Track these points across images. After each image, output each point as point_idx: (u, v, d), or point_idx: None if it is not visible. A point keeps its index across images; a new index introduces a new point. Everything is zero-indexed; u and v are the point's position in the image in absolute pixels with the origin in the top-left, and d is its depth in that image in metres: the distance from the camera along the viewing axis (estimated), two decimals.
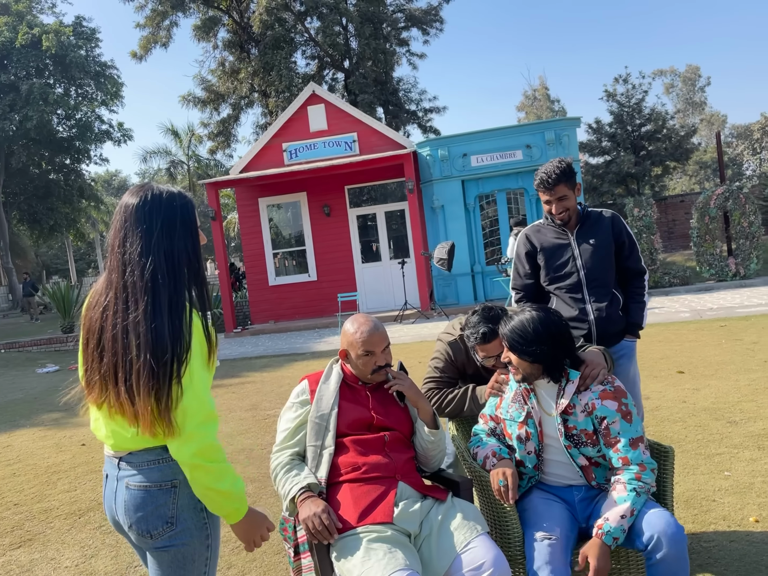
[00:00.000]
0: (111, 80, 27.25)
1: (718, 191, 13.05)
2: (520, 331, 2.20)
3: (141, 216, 1.55)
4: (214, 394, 7.66)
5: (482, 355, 2.51)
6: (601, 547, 1.99)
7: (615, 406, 2.18)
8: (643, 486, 2.07)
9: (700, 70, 49.98)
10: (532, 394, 2.29)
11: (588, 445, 2.20)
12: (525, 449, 2.28)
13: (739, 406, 4.84)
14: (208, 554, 1.64)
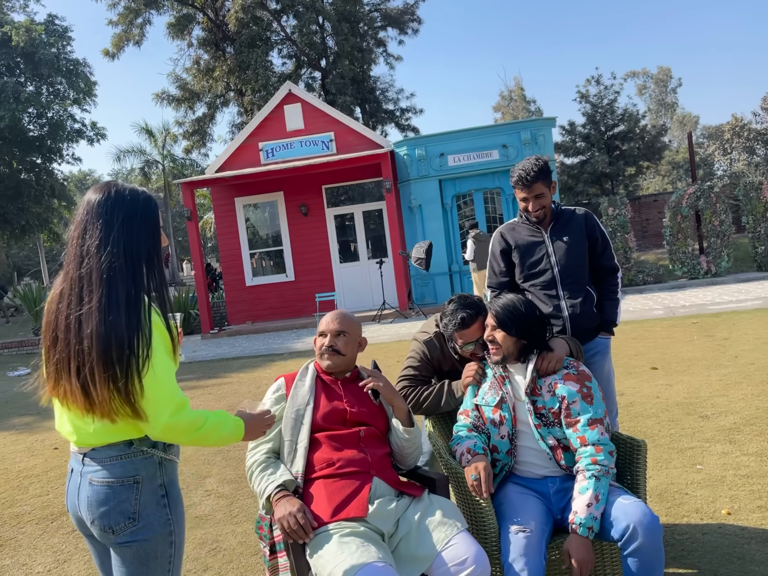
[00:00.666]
0: (83, 78, 26.76)
1: (689, 191, 13.28)
2: (511, 308, 2.34)
3: (102, 210, 1.57)
4: (190, 395, 7.60)
5: (461, 341, 2.54)
6: (579, 540, 2.04)
7: (576, 388, 2.28)
8: (601, 469, 2.13)
9: (671, 71, 50.87)
10: (507, 381, 2.37)
11: (556, 425, 2.27)
12: (499, 433, 2.34)
13: (710, 400, 4.93)
14: (171, 551, 1.64)
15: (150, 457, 1.63)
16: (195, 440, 1.61)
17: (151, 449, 1.63)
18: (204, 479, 4.46)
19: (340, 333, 2.28)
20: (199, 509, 3.91)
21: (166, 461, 1.67)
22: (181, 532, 1.67)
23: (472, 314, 2.50)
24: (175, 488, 1.70)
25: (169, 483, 1.67)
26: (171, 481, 1.68)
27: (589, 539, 2.05)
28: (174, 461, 1.71)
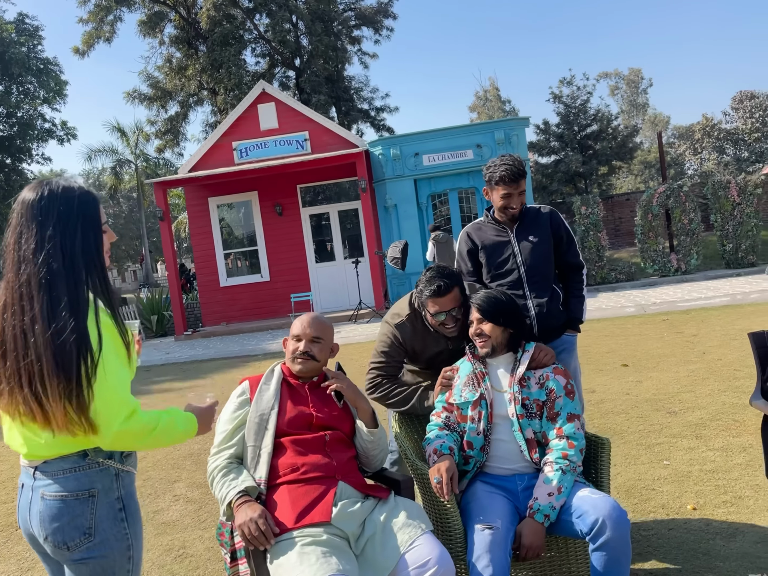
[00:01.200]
0: (54, 77, 26.29)
1: (660, 190, 13.48)
2: (494, 299, 2.40)
3: (36, 212, 1.50)
4: (162, 398, 7.49)
5: (433, 310, 2.55)
6: (532, 525, 2.10)
7: (563, 382, 2.34)
8: (569, 464, 2.19)
9: (642, 72, 51.64)
10: (486, 377, 2.38)
11: (536, 417, 2.30)
12: (476, 430, 2.35)
13: (678, 396, 5.00)
14: (129, 566, 1.58)
15: (106, 469, 1.57)
16: (149, 444, 1.55)
17: (107, 460, 1.57)
18: (173, 484, 4.40)
19: (316, 339, 2.24)
20: (167, 515, 3.85)
21: (123, 473, 1.61)
22: (139, 546, 1.62)
23: (449, 284, 2.54)
24: (134, 501, 1.64)
25: (126, 495, 1.60)
26: (129, 493, 1.62)
27: (543, 526, 2.10)
28: (131, 472, 1.65)
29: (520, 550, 2.09)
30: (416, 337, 2.69)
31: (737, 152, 37.10)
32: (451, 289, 2.54)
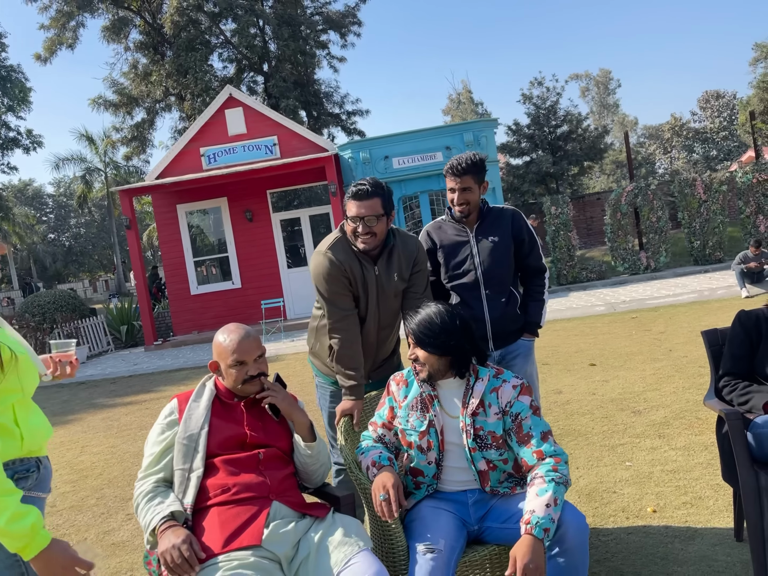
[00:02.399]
0: (18, 85, 25.79)
1: (627, 188, 13.59)
2: (428, 323, 2.15)
3: None
4: (125, 411, 7.30)
5: (352, 212, 2.54)
6: (532, 543, 1.83)
7: (528, 401, 2.16)
8: (561, 477, 2.01)
9: (611, 73, 52.34)
10: (435, 401, 2.20)
11: (492, 448, 2.14)
12: (426, 459, 2.19)
13: (643, 395, 4.97)
14: None
15: None
16: None
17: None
18: (126, 502, 4.23)
19: (260, 357, 2.12)
20: (117, 535, 3.69)
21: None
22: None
23: (370, 191, 2.52)
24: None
25: None
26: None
27: (543, 544, 1.84)
28: (28, 496, 1.56)
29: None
30: (350, 259, 2.62)
31: (706, 151, 37.77)
32: (371, 197, 2.52)
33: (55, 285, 40.80)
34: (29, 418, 1.64)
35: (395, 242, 2.69)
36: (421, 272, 2.75)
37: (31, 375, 1.65)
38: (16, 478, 1.55)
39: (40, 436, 1.68)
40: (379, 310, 2.71)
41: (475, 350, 2.21)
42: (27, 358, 1.64)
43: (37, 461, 1.66)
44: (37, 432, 1.66)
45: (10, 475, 1.55)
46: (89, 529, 3.85)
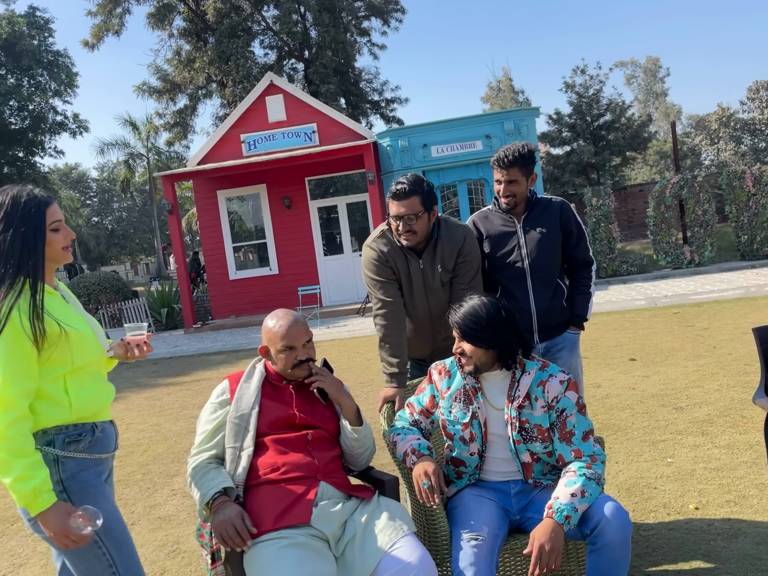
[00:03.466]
0: (64, 70, 26.40)
1: (673, 180, 13.26)
2: (473, 317, 2.13)
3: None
4: (167, 391, 7.50)
5: (392, 211, 2.61)
6: (551, 526, 1.90)
7: (575, 398, 2.14)
8: (594, 473, 2.02)
9: (659, 60, 50.88)
10: (479, 393, 2.20)
11: (537, 441, 2.14)
12: (468, 450, 2.20)
13: (686, 392, 4.89)
14: (94, 545, 1.68)
15: (45, 455, 1.69)
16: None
17: (45, 447, 1.69)
18: (171, 478, 4.38)
19: (308, 342, 2.17)
20: (163, 509, 3.83)
21: (64, 459, 1.71)
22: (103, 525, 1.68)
23: (408, 190, 2.55)
24: (82, 486, 1.72)
25: (69, 479, 1.71)
26: (73, 477, 1.72)
27: (563, 529, 1.90)
28: (78, 458, 1.72)
29: (532, 558, 1.86)
30: (394, 251, 2.71)
31: (755, 142, 36.48)
32: (409, 196, 2.56)
33: (98, 267, 41.92)
34: (83, 388, 1.78)
35: (440, 234, 2.71)
36: (467, 263, 2.75)
37: (86, 350, 1.79)
38: (68, 441, 1.71)
39: (95, 403, 1.81)
40: (428, 301, 2.74)
41: (520, 342, 2.19)
42: (81, 334, 1.77)
43: (93, 426, 1.79)
44: (90, 400, 1.79)
45: (62, 438, 1.71)
46: (136, 502, 3.99)
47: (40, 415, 1.70)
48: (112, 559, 1.72)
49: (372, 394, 5.94)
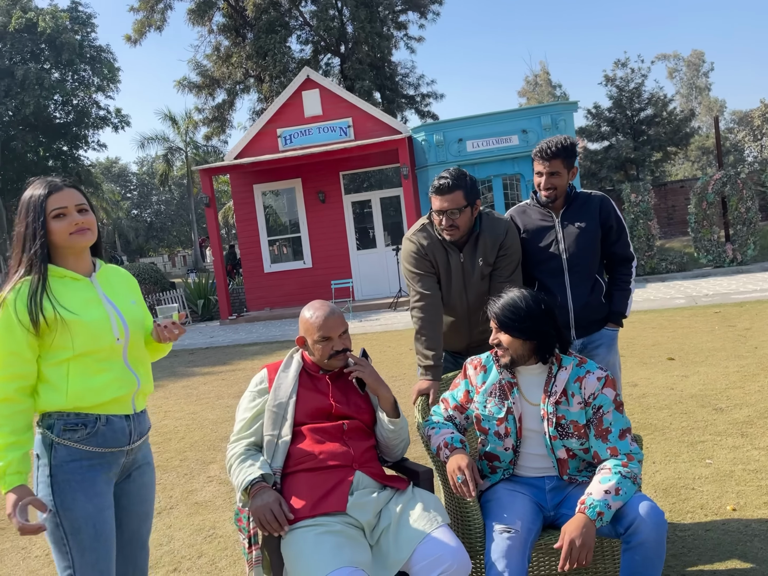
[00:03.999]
0: (107, 65, 27.02)
1: (715, 176, 12.91)
2: (512, 307, 2.13)
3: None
4: (203, 381, 7.66)
5: (435, 206, 2.61)
6: (583, 521, 1.89)
7: (612, 396, 2.12)
8: (630, 472, 2.01)
9: (704, 55, 49.51)
10: (515, 388, 2.20)
11: (573, 437, 2.13)
12: (503, 445, 2.21)
13: (726, 392, 4.78)
14: (60, 533, 1.73)
15: (44, 437, 1.76)
16: None
17: (44, 429, 1.76)
18: (208, 465, 4.48)
19: (344, 333, 2.20)
20: (200, 495, 3.92)
21: (58, 444, 1.74)
22: (71, 517, 1.72)
23: (450, 185, 2.55)
24: (68, 474, 1.74)
25: (58, 466, 1.74)
26: (62, 464, 1.74)
27: (595, 525, 1.89)
28: (70, 446, 1.75)
29: (563, 552, 1.86)
30: (434, 245, 2.72)
31: None
32: (453, 191, 2.56)
33: (137, 258, 42.88)
34: (86, 375, 1.78)
35: (482, 227, 2.71)
36: (507, 256, 2.75)
37: (89, 337, 1.78)
38: (64, 428, 1.75)
39: (99, 393, 1.79)
40: (467, 294, 2.75)
41: (558, 337, 2.18)
42: (82, 321, 1.77)
43: (96, 418, 1.79)
44: (92, 389, 1.78)
45: (61, 424, 1.75)
46: (174, 488, 4.10)
47: (40, 398, 1.75)
48: (72, 561, 1.73)
49: (404, 388, 5.96)
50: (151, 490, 2.02)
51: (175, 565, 3.07)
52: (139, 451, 1.95)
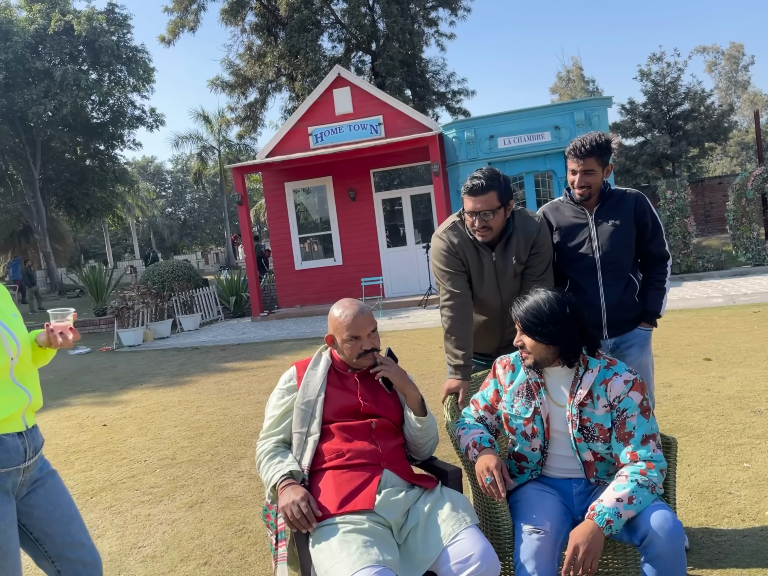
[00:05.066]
0: (142, 65, 27.52)
1: (756, 172, 12.55)
2: (535, 311, 2.09)
3: None
4: (235, 376, 7.75)
5: (467, 207, 2.58)
6: (590, 527, 1.86)
7: (638, 399, 2.07)
8: (648, 481, 1.95)
9: (743, 48, 48.14)
10: (542, 389, 2.17)
11: (599, 441, 2.09)
12: (530, 446, 2.18)
13: (765, 395, 4.65)
14: None
15: None
16: None
17: None
18: (239, 460, 4.53)
19: (373, 332, 2.20)
20: (231, 490, 3.97)
21: None
22: None
23: (485, 186, 2.51)
24: None
25: None
26: None
27: (603, 533, 1.86)
28: None
29: (566, 558, 1.84)
30: (465, 244, 2.69)
31: None
32: (486, 192, 2.52)
33: (171, 256, 43.65)
34: None
35: (515, 226, 2.67)
36: (540, 254, 2.71)
37: None
38: None
39: None
40: (500, 293, 2.72)
41: (585, 339, 2.13)
42: None
43: None
44: None
45: None
46: (205, 482, 4.16)
47: None
48: None
49: (434, 386, 5.94)
50: (62, 493, 1.98)
51: (206, 558, 3.11)
52: (35, 467, 1.92)
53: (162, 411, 6.38)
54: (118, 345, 12.36)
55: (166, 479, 4.30)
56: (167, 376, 8.41)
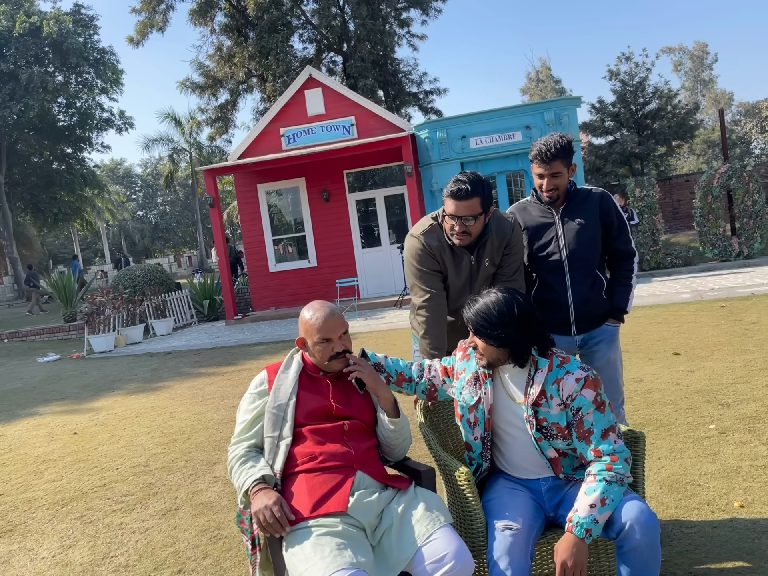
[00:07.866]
0: (110, 67, 27.10)
1: (721, 170, 12.83)
2: (485, 314, 2.10)
3: None
4: (209, 381, 7.67)
5: (449, 210, 2.55)
6: (572, 541, 1.91)
7: (592, 396, 2.08)
8: (615, 475, 1.99)
9: (707, 47, 49.21)
10: (488, 380, 2.19)
11: (558, 438, 2.11)
12: (472, 434, 2.23)
13: (732, 387, 4.75)
14: None
15: None
16: None
17: None
18: (213, 465, 4.48)
19: (344, 334, 2.19)
20: (205, 496, 3.92)
21: None
22: None
23: (470, 191, 2.48)
24: None
25: None
26: None
27: (585, 542, 1.90)
28: None
29: (556, 574, 1.89)
30: (442, 246, 2.68)
31: None
32: (470, 197, 2.50)
33: (143, 260, 43.03)
34: None
35: (491, 228, 2.69)
36: (512, 255, 2.74)
37: None
38: None
39: None
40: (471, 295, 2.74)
41: (535, 340, 2.13)
42: None
43: None
44: None
45: None
46: (179, 488, 4.10)
47: None
48: None
49: None
50: None
51: (180, 566, 3.07)
52: None
53: (134, 417, 6.28)
54: (88, 351, 12.14)
55: (139, 487, 4.24)
56: (140, 382, 8.29)
